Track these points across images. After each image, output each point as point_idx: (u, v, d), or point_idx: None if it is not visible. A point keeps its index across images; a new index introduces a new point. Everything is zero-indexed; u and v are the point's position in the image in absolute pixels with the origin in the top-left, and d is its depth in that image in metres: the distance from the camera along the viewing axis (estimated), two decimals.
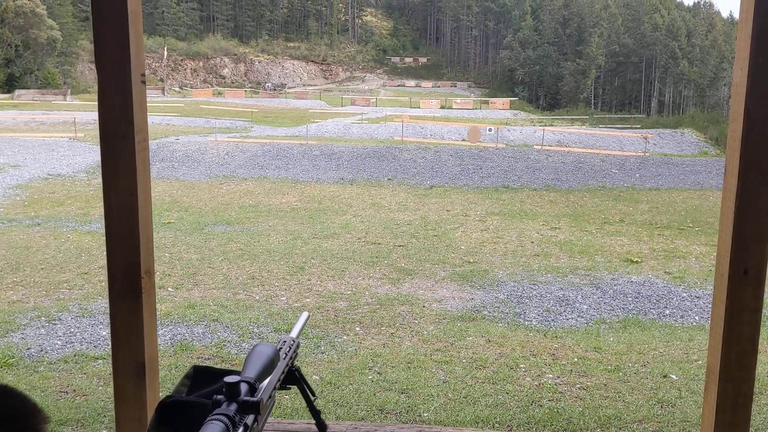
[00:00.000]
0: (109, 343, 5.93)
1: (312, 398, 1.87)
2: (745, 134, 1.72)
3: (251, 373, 1.25)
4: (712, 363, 1.87)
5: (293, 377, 1.76)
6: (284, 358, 1.55)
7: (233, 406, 1.15)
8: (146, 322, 1.92)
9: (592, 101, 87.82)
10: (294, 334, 1.70)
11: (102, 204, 1.88)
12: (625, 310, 7.57)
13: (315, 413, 1.97)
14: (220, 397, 1.17)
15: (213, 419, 1.10)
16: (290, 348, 1.63)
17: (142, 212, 1.89)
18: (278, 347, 1.54)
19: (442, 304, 7.59)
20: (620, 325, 6.98)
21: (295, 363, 1.73)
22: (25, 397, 0.84)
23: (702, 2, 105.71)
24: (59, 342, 5.87)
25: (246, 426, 1.19)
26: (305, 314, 1.84)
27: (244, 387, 1.20)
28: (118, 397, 1.94)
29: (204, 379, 1.43)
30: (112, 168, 1.85)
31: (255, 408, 1.19)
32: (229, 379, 1.17)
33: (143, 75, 1.87)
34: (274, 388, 1.45)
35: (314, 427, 1.98)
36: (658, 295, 8.23)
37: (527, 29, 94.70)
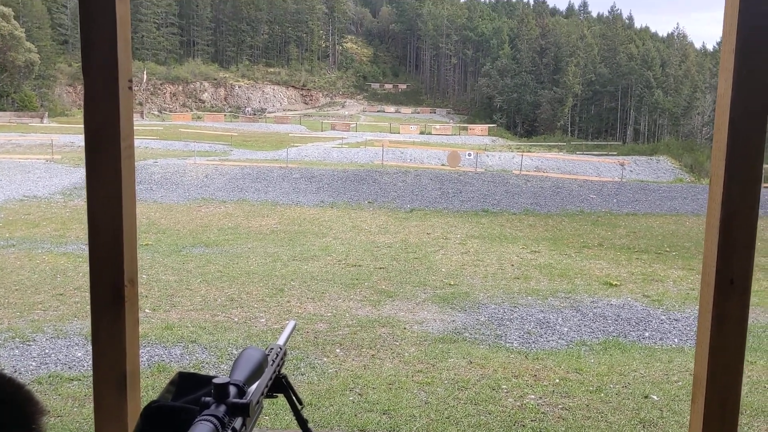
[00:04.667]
0: (85, 364, 5.79)
1: (299, 407, 1.84)
2: (729, 143, 1.75)
3: (240, 376, 1.22)
4: (698, 372, 1.87)
5: (280, 385, 1.73)
6: (272, 364, 1.52)
7: (222, 408, 1.12)
8: (129, 332, 1.88)
9: (569, 129, 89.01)
10: (281, 341, 1.68)
11: (77, 225, 1.86)
12: (605, 333, 7.59)
13: (302, 422, 1.94)
14: (208, 399, 1.14)
15: (202, 419, 1.07)
16: (277, 355, 1.60)
17: (126, 220, 1.85)
18: (266, 353, 1.51)
19: (423, 326, 7.55)
20: (601, 347, 7.00)
21: (282, 371, 1.70)
22: (19, 383, 0.77)
23: (676, 33, 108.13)
24: (34, 363, 5.74)
25: (234, 430, 1.17)
26: (292, 322, 1.81)
27: (232, 389, 1.17)
28: (98, 409, 1.89)
29: (190, 386, 1.39)
30: (97, 174, 1.82)
31: (244, 410, 1.16)
32: (218, 380, 1.15)
33: (130, 81, 1.86)
34: (262, 394, 1.42)
35: None
36: (637, 318, 8.27)
37: (505, 58, 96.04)
